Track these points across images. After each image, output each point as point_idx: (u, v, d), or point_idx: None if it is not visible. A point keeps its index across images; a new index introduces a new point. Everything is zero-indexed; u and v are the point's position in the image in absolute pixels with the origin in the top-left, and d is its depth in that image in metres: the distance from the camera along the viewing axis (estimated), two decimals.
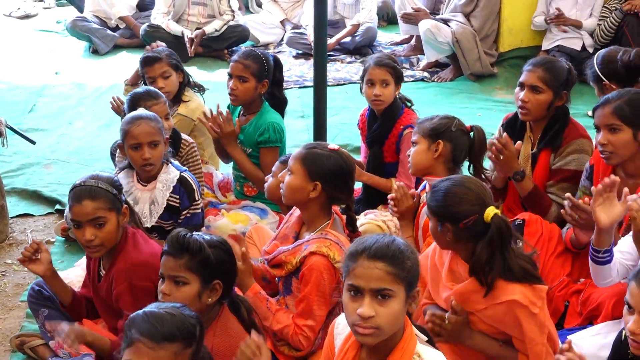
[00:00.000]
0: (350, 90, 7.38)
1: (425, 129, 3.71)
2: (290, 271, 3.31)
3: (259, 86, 4.54)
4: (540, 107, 4.11)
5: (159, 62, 4.86)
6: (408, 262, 2.43)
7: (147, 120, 3.87)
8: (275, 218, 4.58)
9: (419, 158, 3.71)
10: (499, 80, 7.55)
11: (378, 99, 4.49)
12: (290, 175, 3.31)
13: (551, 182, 4.12)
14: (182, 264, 2.81)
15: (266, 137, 4.53)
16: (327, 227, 3.31)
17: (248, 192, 4.75)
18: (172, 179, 3.95)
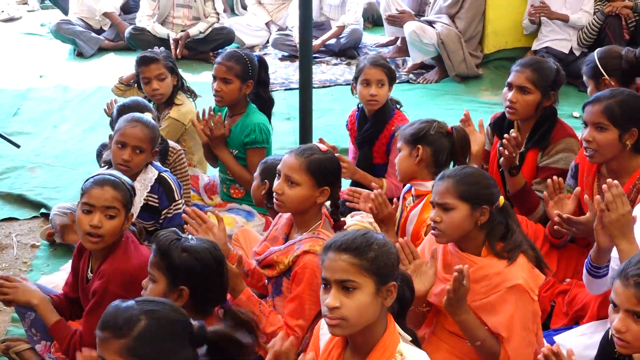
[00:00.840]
0: (336, 92, 7.38)
1: (406, 135, 3.74)
2: (282, 271, 3.31)
3: (243, 87, 4.54)
4: (528, 107, 4.13)
5: (156, 63, 4.86)
6: (371, 254, 2.44)
7: (144, 126, 3.90)
8: (262, 220, 4.58)
9: (402, 165, 3.75)
10: (484, 82, 7.57)
11: (374, 98, 4.51)
12: (296, 187, 3.28)
13: (538, 179, 4.14)
14: (154, 262, 2.89)
15: (253, 138, 4.53)
16: (319, 227, 3.33)
17: (234, 194, 4.74)
18: (150, 179, 3.95)
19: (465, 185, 3.04)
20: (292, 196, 3.28)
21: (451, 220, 3.03)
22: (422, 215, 3.65)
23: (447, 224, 3.05)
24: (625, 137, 3.59)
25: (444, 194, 3.06)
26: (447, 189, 3.05)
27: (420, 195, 3.71)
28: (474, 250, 3.10)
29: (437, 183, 3.11)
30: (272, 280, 3.40)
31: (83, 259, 3.48)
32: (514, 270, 3.01)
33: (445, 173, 3.13)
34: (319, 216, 3.37)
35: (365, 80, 4.51)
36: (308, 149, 3.35)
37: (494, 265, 3.04)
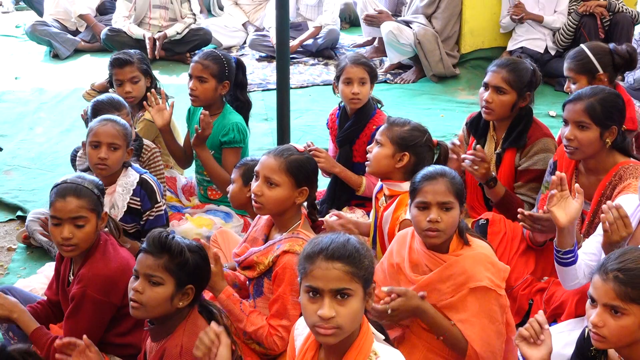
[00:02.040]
0: (314, 92, 7.38)
1: (395, 135, 3.71)
2: (262, 272, 3.30)
3: (219, 87, 4.54)
4: (504, 107, 4.15)
5: (130, 65, 4.83)
6: (365, 261, 2.45)
7: (115, 123, 3.89)
8: (240, 221, 4.57)
9: (381, 162, 3.73)
10: (461, 81, 7.60)
11: (356, 97, 4.51)
12: (275, 188, 3.27)
13: (520, 183, 4.15)
14: (161, 264, 2.81)
15: (230, 137, 4.52)
16: (298, 227, 3.33)
17: (212, 195, 4.73)
18: (131, 182, 3.93)
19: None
20: (272, 197, 3.28)
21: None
22: (397, 213, 3.66)
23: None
24: (606, 134, 3.62)
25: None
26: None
27: (393, 195, 3.72)
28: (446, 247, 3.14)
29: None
30: (252, 282, 3.39)
31: (65, 262, 3.45)
32: (477, 269, 3.05)
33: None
34: (298, 216, 3.36)
35: (347, 79, 4.51)
36: (286, 149, 3.34)
37: (459, 262, 3.08)
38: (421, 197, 3.12)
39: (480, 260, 3.08)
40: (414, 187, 3.17)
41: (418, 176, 3.18)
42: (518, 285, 3.81)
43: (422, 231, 3.11)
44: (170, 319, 2.86)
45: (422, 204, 3.11)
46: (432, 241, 3.11)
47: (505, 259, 3.85)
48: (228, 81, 4.55)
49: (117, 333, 3.32)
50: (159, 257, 2.82)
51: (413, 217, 3.16)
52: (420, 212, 3.12)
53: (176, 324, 2.86)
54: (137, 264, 2.86)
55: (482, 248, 3.16)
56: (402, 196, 3.66)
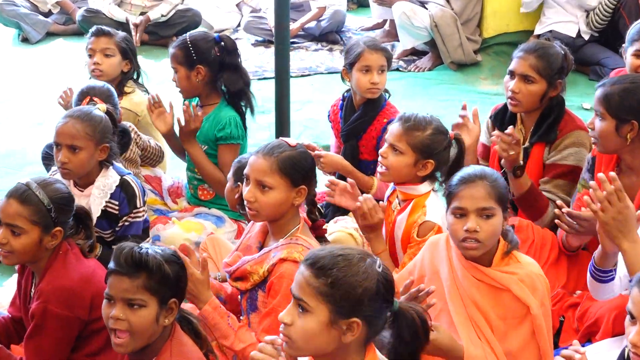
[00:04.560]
0: (317, 81, 7.37)
1: (417, 142, 3.69)
2: (257, 283, 3.29)
3: (191, 75, 4.53)
4: (533, 98, 4.13)
5: (108, 37, 4.88)
6: (329, 279, 2.45)
7: (78, 120, 3.84)
8: (233, 226, 4.56)
9: (402, 172, 3.72)
10: (484, 69, 7.59)
11: (375, 87, 4.51)
12: (269, 192, 3.25)
13: (545, 179, 4.14)
14: (140, 285, 2.79)
15: (227, 133, 4.52)
16: (297, 231, 3.32)
17: (203, 196, 4.72)
18: (110, 185, 3.92)
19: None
20: (267, 202, 3.27)
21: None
22: (412, 217, 3.66)
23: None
24: (624, 129, 3.62)
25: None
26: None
27: (407, 199, 3.73)
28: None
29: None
30: (245, 295, 3.39)
31: (26, 275, 3.46)
32: (536, 295, 3.09)
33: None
34: (296, 219, 3.36)
35: (365, 67, 4.51)
36: (276, 146, 3.32)
37: (512, 284, 3.11)
38: (457, 203, 3.12)
39: (535, 285, 3.11)
40: (449, 191, 3.18)
41: (455, 179, 3.19)
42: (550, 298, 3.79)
43: (459, 242, 3.12)
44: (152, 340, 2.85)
45: (458, 211, 3.11)
46: (470, 253, 3.13)
47: None
48: (201, 66, 4.52)
49: (87, 353, 3.32)
50: (135, 277, 2.79)
51: (449, 226, 3.18)
52: (457, 219, 3.12)
53: (160, 346, 2.85)
54: (109, 288, 2.83)
55: (533, 266, 3.17)
56: (417, 199, 3.68)
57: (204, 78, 4.56)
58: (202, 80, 4.55)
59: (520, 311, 3.12)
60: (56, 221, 3.30)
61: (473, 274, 3.16)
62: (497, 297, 3.14)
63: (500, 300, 3.13)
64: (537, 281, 3.13)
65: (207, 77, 4.56)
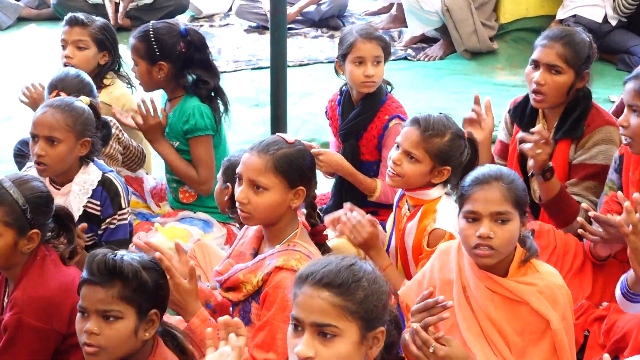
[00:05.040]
0: (316, 71, 7.38)
1: (435, 149, 3.69)
2: (250, 293, 3.29)
3: (153, 70, 4.57)
4: (560, 90, 4.13)
5: (83, 27, 4.87)
6: (360, 293, 2.44)
7: (58, 110, 3.85)
8: (223, 231, 4.58)
9: (418, 181, 3.73)
10: (500, 58, 7.60)
11: (370, 80, 4.50)
12: (264, 193, 3.25)
13: (573, 180, 4.14)
14: (115, 295, 2.79)
15: (192, 124, 4.54)
16: (295, 237, 3.32)
17: (185, 198, 4.74)
18: (91, 181, 3.92)
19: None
20: (261, 205, 3.27)
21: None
22: (422, 223, 3.67)
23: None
24: None
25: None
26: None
27: (417, 205, 3.75)
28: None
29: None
30: (238, 307, 3.38)
31: None
32: (556, 309, 3.09)
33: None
34: (294, 224, 3.36)
35: (358, 58, 4.50)
36: (272, 143, 3.31)
37: (531, 297, 3.10)
38: (470, 206, 3.11)
39: (555, 298, 3.11)
40: (461, 193, 3.17)
41: (467, 180, 3.18)
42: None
43: (471, 248, 3.11)
44: (133, 356, 2.85)
45: (471, 215, 3.11)
46: (484, 261, 3.12)
47: None
48: (163, 62, 4.54)
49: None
50: (109, 286, 2.80)
51: (460, 231, 3.17)
52: (469, 224, 3.11)
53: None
54: (83, 299, 2.83)
55: (553, 277, 3.17)
56: (427, 205, 3.70)
57: (167, 74, 4.59)
58: (164, 76, 4.59)
59: (540, 326, 3.11)
60: (32, 223, 3.29)
61: (487, 284, 3.16)
62: (514, 310, 3.14)
63: (518, 314, 3.13)
64: (558, 293, 3.12)
65: (170, 74, 4.58)
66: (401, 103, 4.66)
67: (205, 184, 4.56)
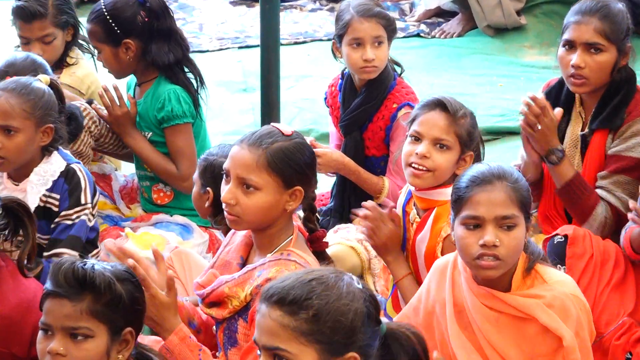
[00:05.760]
0: (314, 50, 7.40)
1: (463, 130, 3.73)
2: (237, 310, 3.28)
3: (119, 52, 4.58)
4: (603, 72, 4.11)
5: (42, 20, 4.83)
6: (309, 312, 2.44)
7: (13, 94, 3.86)
8: (204, 237, 4.59)
9: (449, 172, 3.75)
10: (529, 35, 7.61)
11: (371, 64, 4.49)
12: (255, 193, 3.24)
13: (604, 173, 4.13)
14: (84, 309, 2.79)
15: (168, 111, 4.55)
16: (290, 244, 3.32)
17: (159, 199, 4.75)
18: (52, 171, 3.91)
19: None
20: (252, 207, 3.26)
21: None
22: (436, 226, 3.66)
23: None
24: None
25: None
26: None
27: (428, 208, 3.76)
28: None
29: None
30: (222, 325, 3.39)
31: None
32: (567, 325, 3.07)
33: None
34: (289, 229, 3.36)
35: (356, 40, 4.48)
36: (266, 135, 3.30)
37: (538, 312, 3.09)
38: (471, 210, 3.10)
39: (566, 310, 3.09)
40: (458, 196, 3.15)
41: (463, 179, 3.17)
42: (610, 333, 3.80)
43: (473, 260, 3.10)
44: None
45: (472, 221, 3.10)
46: (488, 274, 3.10)
47: (592, 293, 3.85)
48: (128, 39, 4.55)
49: None
50: (78, 299, 2.79)
51: (459, 240, 3.15)
52: (470, 232, 3.11)
53: None
54: (46, 315, 2.82)
55: (564, 285, 3.16)
56: (439, 208, 3.71)
57: (136, 52, 4.60)
58: (133, 55, 4.60)
59: (551, 345, 3.09)
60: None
61: (487, 302, 3.14)
62: (520, 330, 3.12)
63: (524, 335, 3.11)
64: (569, 304, 3.10)
65: (139, 51, 4.59)
66: (412, 88, 4.65)
67: (187, 179, 4.54)
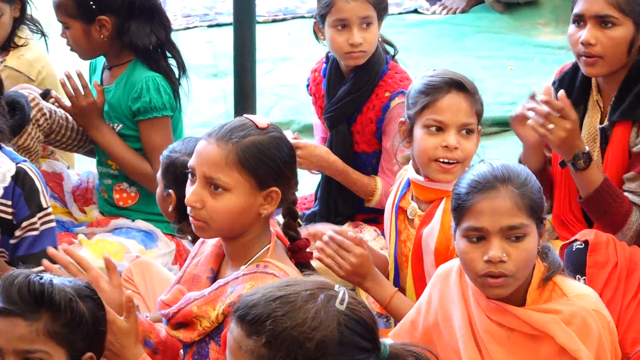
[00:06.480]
0: (295, 29, 7.44)
1: (479, 107, 3.82)
2: (207, 331, 3.29)
3: (92, 29, 4.59)
4: (618, 48, 4.13)
5: None
6: (263, 338, 2.45)
7: None
8: (170, 246, 4.61)
9: (474, 154, 3.82)
10: (543, 11, 7.67)
11: (358, 49, 4.50)
12: (224, 195, 3.25)
13: (631, 174, 4.14)
14: (41, 330, 2.79)
15: (146, 102, 4.58)
16: (267, 255, 3.32)
17: (122, 200, 4.76)
18: (2, 175, 3.92)
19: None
20: (221, 210, 3.26)
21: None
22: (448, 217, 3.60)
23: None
24: None
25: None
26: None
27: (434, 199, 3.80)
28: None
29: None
30: (191, 349, 3.40)
31: None
32: (588, 343, 3.09)
33: None
34: (265, 237, 3.37)
35: (340, 21, 4.48)
36: (237, 127, 3.30)
37: (556, 331, 3.11)
38: (472, 221, 3.10)
39: (586, 327, 3.10)
40: (457, 204, 3.16)
41: (462, 183, 3.17)
42: (637, 353, 3.82)
43: (477, 277, 3.12)
44: None
45: (474, 233, 3.11)
46: (496, 292, 3.12)
47: (617, 307, 3.87)
48: (104, 16, 4.57)
49: None
50: (34, 318, 2.80)
51: (461, 254, 3.16)
52: (473, 245, 3.12)
53: None
54: None
55: (586, 299, 3.17)
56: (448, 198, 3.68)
57: (111, 31, 4.61)
58: (107, 35, 4.61)
59: None
60: None
61: (498, 318, 3.16)
62: (534, 351, 3.14)
63: (538, 355, 3.13)
64: (590, 321, 3.10)
65: (115, 30, 4.61)
66: (408, 74, 4.66)
67: None
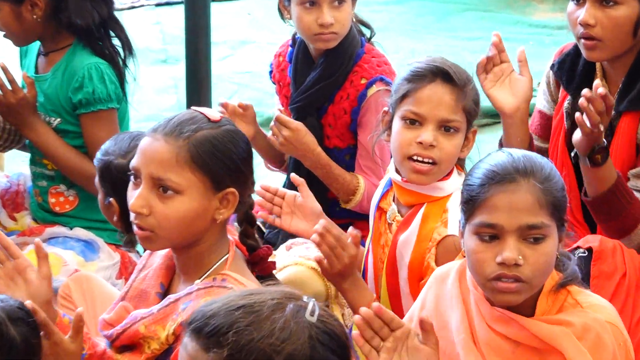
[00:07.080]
0: (257, 7, 7.47)
1: (470, 103, 3.84)
2: (156, 354, 3.31)
3: (22, 10, 4.60)
4: (620, 30, 4.15)
5: None
6: (224, 351, 2.43)
7: None
8: (114, 258, 4.61)
9: (454, 159, 3.85)
10: None
11: (330, 30, 4.51)
12: (174, 199, 3.25)
13: (638, 170, 4.20)
14: None
15: (89, 93, 4.59)
16: (224, 266, 3.33)
17: (58, 205, 4.77)
18: None
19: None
20: (171, 216, 3.26)
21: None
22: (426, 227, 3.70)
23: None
24: None
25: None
26: None
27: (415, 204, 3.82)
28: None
29: None
30: None
31: None
32: (583, 356, 3.09)
33: None
34: (223, 246, 3.38)
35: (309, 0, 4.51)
36: (187, 121, 3.31)
37: (552, 336, 3.11)
38: (486, 217, 3.09)
39: (600, 342, 3.10)
40: (470, 196, 3.14)
41: (477, 174, 3.15)
42: None
43: (488, 280, 3.10)
44: None
45: (488, 230, 3.09)
46: (507, 299, 3.11)
47: (626, 322, 3.87)
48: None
49: None
50: None
51: (470, 254, 3.15)
52: (485, 244, 3.11)
53: None
54: None
55: (601, 310, 3.18)
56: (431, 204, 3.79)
57: (45, 11, 4.61)
58: (41, 15, 4.61)
59: None
60: None
61: (503, 329, 3.15)
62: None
63: None
64: (605, 335, 3.11)
65: (48, 8, 4.61)
66: (387, 57, 4.68)
67: None
